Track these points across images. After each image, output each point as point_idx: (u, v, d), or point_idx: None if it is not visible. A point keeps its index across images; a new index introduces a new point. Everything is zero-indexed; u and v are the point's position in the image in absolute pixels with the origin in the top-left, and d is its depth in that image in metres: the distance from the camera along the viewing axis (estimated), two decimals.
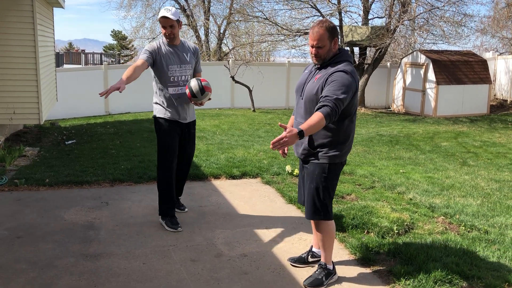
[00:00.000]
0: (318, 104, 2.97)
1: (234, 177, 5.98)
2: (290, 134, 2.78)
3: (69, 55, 31.97)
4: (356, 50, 16.82)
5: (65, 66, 26.29)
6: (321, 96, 3.01)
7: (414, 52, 15.77)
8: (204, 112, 13.95)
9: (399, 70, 16.42)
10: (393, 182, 5.84)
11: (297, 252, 3.79)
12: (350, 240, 3.98)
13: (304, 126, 2.85)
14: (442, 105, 14.84)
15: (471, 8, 45.47)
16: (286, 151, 3.49)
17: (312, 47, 3.13)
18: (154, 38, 21.87)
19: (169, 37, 4.15)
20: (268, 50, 20.57)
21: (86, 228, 4.22)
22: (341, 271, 3.46)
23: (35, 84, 8.03)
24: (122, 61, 36.14)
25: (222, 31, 22.41)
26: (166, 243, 3.92)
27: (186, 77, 4.24)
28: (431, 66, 14.80)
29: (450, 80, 14.90)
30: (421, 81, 15.27)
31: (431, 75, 14.83)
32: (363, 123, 12.84)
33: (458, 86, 14.96)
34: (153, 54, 4.08)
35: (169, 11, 4.07)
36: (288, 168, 6.11)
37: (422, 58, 15.26)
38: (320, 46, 3.09)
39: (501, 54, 20.00)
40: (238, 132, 10.24)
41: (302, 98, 3.22)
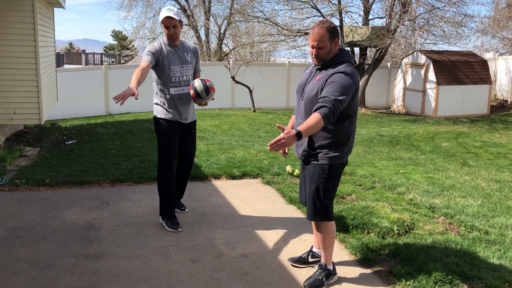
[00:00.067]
0: (316, 105, 2.96)
1: (234, 177, 5.98)
2: (288, 136, 2.78)
3: (69, 55, 31.97)
4: (356, 50, 16.81)
5: (65, 66, 26.29)
6: (319, 97, 3.00)
7: (415, 52, 15.77)
8: (204, 112, 13.96)
9: (400, 70, 16.42)
10: (393, 183, 5.84)
11: (297, 252, 3.79)
12: (351, 240, 3.98)
13: (302, 128, 2.84)
14: (442, 105, 14.83)
15: (472, 8, 45.49)
16: (286, 151, 3.48)
17: (312, 48, 3.11)
18: (154, 39, 21.86)
19: (171, 37, 4.13)
20: (268, 50, 20.57)
21: (87, 228, 4.22)
22: (341, 272, 3.46)
23: (36, 84, 8.04)
24: (122, 61, 36.12)
25: (222, 31, 22.42)
26: (166, 243, 3.92)
27: (187, 77, 4.24)
28: (432, 66, 14.80)
29: (450, 80, 14.89)
30: (421, 81, 15.27)
31: (432, 76, 14.83)
32: (364, 124, 12.84)
33: (458, 87, 14.95)
34: (155, 55, 4.07)
35: (171, 11, 4.04)
36: (288, 168, 6.11)
37: (422, 59, 15.26)
38: (320, 47, 3.08)
39: (501, 54, 19.98)
40: (239, 132, 10.24)
41: (303, 99, 3.21)
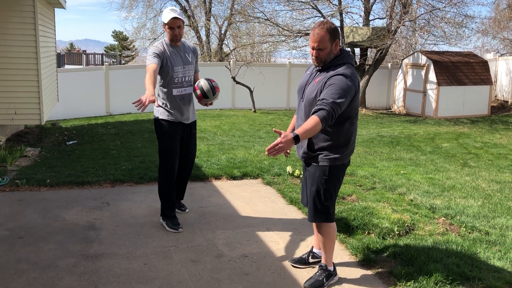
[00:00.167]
0: (315, 107, 2.93)
1: (235, 177, 5.99)
2: (286, 140, 2.75)
3: (70, 56, 32.00)
4: (357, 51, 16.80)
5: (66, 66, 26.31)
6: (318, 99, 2.98)
7: (415, 53, 15.76)
8: (205, 112, 13.96)
9: (400, 71, 16.42)
10: (394, 183, 5.84)
11: (297, 253, 3.79)
12: (351, 241, 3.98)
13: (299, 131, 2.82)
14: (443, 106, 14.82)
15: (472, 9, 45.56)
16: (288, 151, 3.47)
17: (312, 49, 3.09)
18: (155, 39, 21.87)
19: (176, 38, 4.10)
20: (269, 51, 20.57)
21: (87, 228, 4.23)
22: (341, 272, 3.46)
23: (37, 84, 8.04)
24: (123, 61, 36.14)
25: (223, 32, 22.42)
26: (167, 244, 3.93)
27: (189, 77, 4.24)
28: (432, 67, 14.79)
29: (451, 81, 14.89)
30: (422, 82, 15.26)
31: (432, 76, 14.82)
32: (364, 124, 12.84)
33: (459, 87, 14.95)
34: (160, 56, 4.03)
35: (176, 12, 4.02)
36: (289, 169, 6.11)
37: (423, 59, 15.25)
38: (321, 48, 3.05)
39: (502, 55, 19.97)
40: (239, 132, 10.24)
41: (303, 101, 3.20)
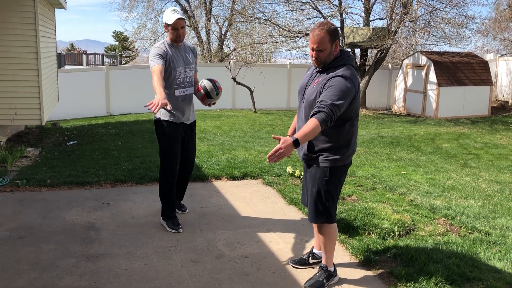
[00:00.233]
0: (313, 109, 2.92)
1: (235, 178, 5.99)
2: (285, 145, 2.74)
3: (70, 56, 32.02)
4: (357, 51, 16.80)
5: (66, 67, 26.33)
6: (317, 101, 2.97)
7: (415, 53, 15.76)
8: (205, 113, 13.96)
9: (400, 71, 16.42)
10: (394, 184, 5.84)
11: (298, 253, 3.79)
12: (351, 241, 3.98)
13: (299, 135, 2.81)
14: (443, 106, 14.82)
15: (473, 9, 45.42)
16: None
17: (312, 50, 3.07)
18: (155, 39, 21.88)
19: (179, 38, 4.09)
20: (269, 51, 20.59)
21: (87, 228, 4.23)
22: (342, 273, 3.46)
23: (37, 85, 8.04)
24: (123, 62, 36.14)
25: (223, 32, 22.43)
26: (167, 244, 3.93)
27: (190, 78, 4.23)
28: (432, 67, 14.79)
29: (451, 81, 14.89)
30: (422, 82, 15.26)
31: (432, 77, 14.82)
32: (364, 125, 12.84)
33: (459, 88, 14.94)
34: (164, 57, 4.01)
35: (178, 12, 4.01)
36: (289, 169, 6.11)
37: (423, 60, 15.25)
38: (320, 50, 3.03)
39: (502, 55, 19.96)
40: (239, 133, 10.25)
41: (303, 102, 3.19)
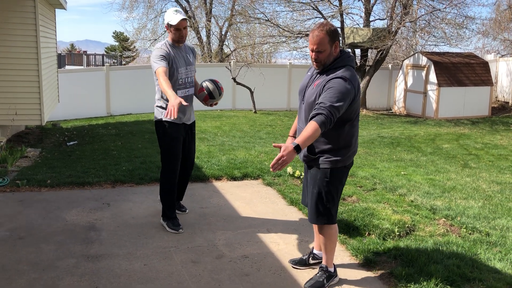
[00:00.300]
0: (313, 112, 2.91)
1: (235, 178, 5.99)
2: (287, 152, 2.74)
3: (71, 56, 32.03)
4: (357, 52, 16.81)
5: (67, 67, 26.34)
6: (316, 103, 2.96)
7: (416, 54, 15.76)
8: (205, 113, 13.97)
9: (401, 72, 16.42)
10: (394, 184, 5.84)
11: (298, 254, 3.79)
12: (351, 242, 3.98)
13: (299, 140, 2.80)
14: (443, 107, 14.82)
15: (473, 10, 45.48)
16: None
17: (312, 51, 3.06)
18: (155, 40, 21.90)
19: (181, 39, 4.09)
20: (269, 51, 20.60)
21: (88, 229, 4.23)
22: (342, 273, 3.46)
23: (37, 85, 8.05)
24: (124, 62, 36.17)
25: (223, 33, 22.45)
26: (167, 244, 3.93)
27: (191, 78, 4.23)
28: (433, 68, 14.79)
29: (451, 82, 14.89)
30: (422, 83, 15.26)
31: (433, 77, 14.82)
32: (365, 125, 12.84)
33: (459, 88, 14.95)
34: (167, 58, 4.00)
35: (181, 13, 4.00)
36: (289, 169, 6.11)
37: (423, 60, 15.25)
38: (320, 51, 3.02)
39: (502, 56, 19.96)
40: (240, 133, 10.25)
41: (303, 103, 3.18)
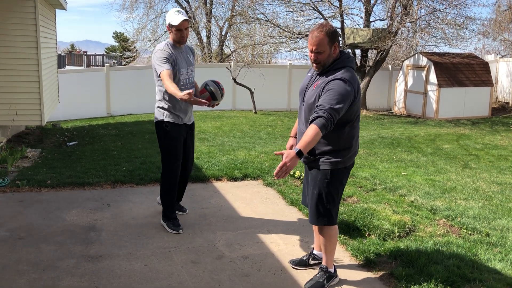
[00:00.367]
0: (313, 114, 2.90)
1: (235, 179, 5.99)
2: (289, 158, 2.74)
3: (71, 57, 32.03)
4: (357, 52, 16.80)
5: (67, 67, 26.34)
6: (316, 105, 2.95)
7: (416, 54, 15.76)
8: (205, 114, 13.97)
9: (401, 72, 16.42)
10: (394, 185, 5.84)
11: (298, 254, 3.79)
12: (352, 242, 3.98)
13: (301, 145, 2.80)
14: (443, 107, 14.82)
15: (473, 10, 45.61)
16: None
17: (311, 52, 3.05)
18: (156, 40, 21.91)
19: (183, 40, 4.08)
20: (269, 52, 20.61)
21: (88, 229, 4.23)
22: (342, 274, 3.46)
23: (37, 85, 8.05)
24: (124, 62, 36.16)
25: (223, 33, 22.45)
26: (167, 245, 3.93)
27: (191, 78, 4.24)
28: (433, 68, 14.79)
29: (451, 82, 14.89)
30: (422, 83, 15.26)
31: (433, 78, 14.82)
32: (365, 126, 12.84)
33: (459, 89, 14.94)
34: (170, 60, 4.00)
35: (183, 13, 4.00)
36: None
37: (423, 61, 15.25)
38: (319, 52, 3.01)
39: (503, 56, 19.96)
40: (240, 134, 10.25)
41: (303, 105, 3.18)
